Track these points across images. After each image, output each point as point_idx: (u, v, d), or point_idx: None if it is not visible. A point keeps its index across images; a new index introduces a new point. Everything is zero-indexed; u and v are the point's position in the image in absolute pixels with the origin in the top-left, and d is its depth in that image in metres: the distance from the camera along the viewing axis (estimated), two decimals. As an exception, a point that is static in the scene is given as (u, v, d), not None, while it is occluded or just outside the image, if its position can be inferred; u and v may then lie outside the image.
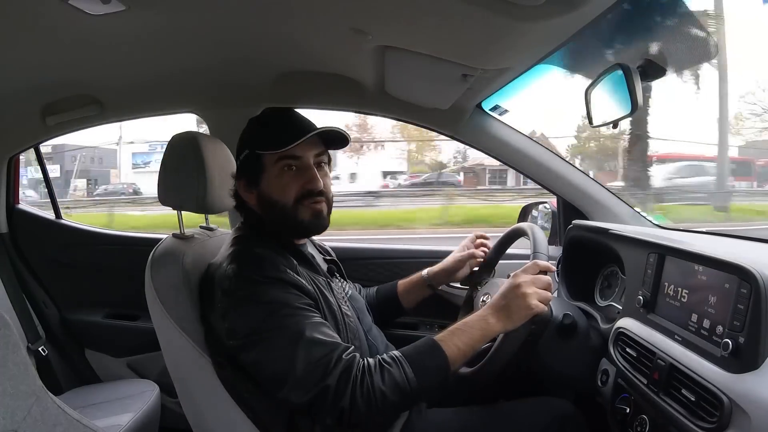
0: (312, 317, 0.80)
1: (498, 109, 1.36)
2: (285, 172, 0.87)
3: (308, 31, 0.97)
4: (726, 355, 0.66)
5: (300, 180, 0.88)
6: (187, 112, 1.46)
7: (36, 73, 1.16)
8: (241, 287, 0.80)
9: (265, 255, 0.84)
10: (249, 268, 0.82)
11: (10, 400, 0.68)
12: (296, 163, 0.87)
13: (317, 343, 0.76)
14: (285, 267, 0.83)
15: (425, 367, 0.79)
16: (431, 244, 1.62)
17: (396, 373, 0.77)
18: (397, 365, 0.78)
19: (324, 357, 0.75)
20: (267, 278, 0.80)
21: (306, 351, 0.75)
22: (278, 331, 0.77)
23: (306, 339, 0.76)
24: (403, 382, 0.76)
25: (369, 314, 1.06)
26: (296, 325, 0.77)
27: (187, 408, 0.95)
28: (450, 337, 0.81)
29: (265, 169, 0.88)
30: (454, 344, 0.80)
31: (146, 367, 1.61)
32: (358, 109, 1.48)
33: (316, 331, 0.78)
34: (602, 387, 0.95)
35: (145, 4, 0.81)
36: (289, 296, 0.80)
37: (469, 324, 0.83)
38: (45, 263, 1.68)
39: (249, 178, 0.90)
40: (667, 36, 0.96)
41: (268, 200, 0.88)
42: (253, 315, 0.79)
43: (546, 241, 0.96)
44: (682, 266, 0.83)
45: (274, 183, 0.87)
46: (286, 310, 0.78)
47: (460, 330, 0.82)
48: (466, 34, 0.80)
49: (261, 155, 0.87)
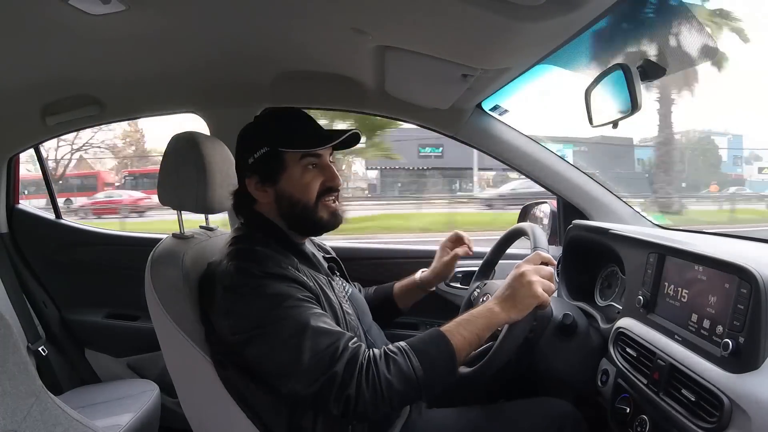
0: (314, 308, 0.80)
1: (498, 109, 1.36)
2: (308, 171, 0.88)
3: (308, 31, 0.97)
4: (726, 355, 0.66)
5: (320, 178, 0.89)
6: (187, 112, 1.46)
7: (36, 72, 1.16)
8: (243, 283, 0.81)
9: (266, 252, 0.84)
10: (250, 264, 0.82)
11: (10, 400, 0.68)
12: (317, 161, 0.89)
13: (323, 332, 0.76)
14: (286, 264, 0.83)
15: (431, 357, 0.78)
16: (431, 245, 1.61)
17: (402, 363, 0.76)
18: (403, 355, 0.77)
19: (331, 345, 0.75)
20: (268, 273, 0.80)
21: (312, 341, 0.75)
22: (283, 322, 0.77)
23: (312, 328, 0.76)
24: (409, 371, 0.76)
25: (369, 313, 1.06)
26: (300, 315, 0.77)
27: (187, 408, 0.95)
28: (456, 327, 0.81)
29: (286, 168, 0.88)
30: (459, 334, 0.80)
31: (146, 367, 1.62)
32: (358, 109, 1.48)
33: (321, 321, 0.78)
34: (602, 387, 0.95)
35: (145, 4, 0.81)
36: (291, 289, 0.80)
37: (475, 314, 0.83)
38: (45, 263, 1.68)
39: (265, 175, 0.89)
40: (667, 35, 0.96)
41: (288, 198, 0.89)
42: (256, 309, 0.79)
43: (546, 240, 0.96)
44: (682, 266, 0.83)
45: (297, 181, 0.88)
46: (289, 302, 0.78)
47: (466, 320, 0.82)
48: (466, 34, 0.80)
49: (283, 153, 0.87)
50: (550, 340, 0.98)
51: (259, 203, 0.91)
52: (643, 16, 0.85)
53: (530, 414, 0.95)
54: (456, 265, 1.17)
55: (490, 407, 0.98)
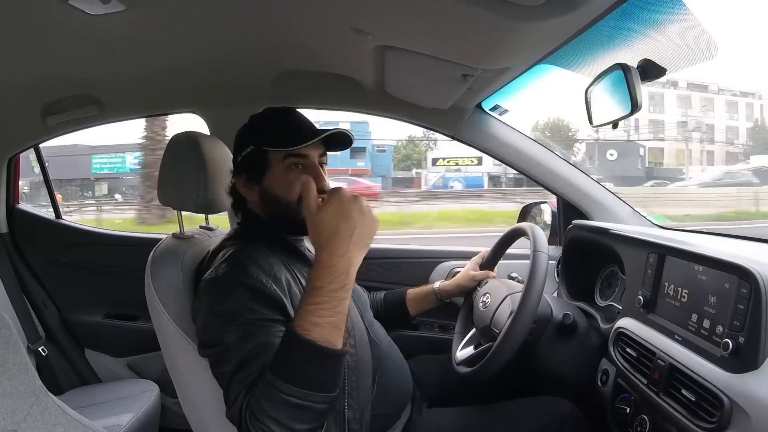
0: (257, 337, 0.73)
1: (498, 109, 1.36)
2: (291, 170, 0.87)
3: (308, 31, 0.96)
4: (726, 355, 0.66)
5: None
6: (187, 112, 1.46)
7: (36, 72, 1.16)
8: (205, 294, 0.80)
9: (243, 260, 0.81)
10: (219, 275, 0.80)
11: (10, 400, 0.68)
12: (302, 161, 0.88)
13: (246, 368, 0.72)
14: (261, 272, 0.79)
15: (290, 366, 0.67)
16: (431, 244, 1.62)
17: (269, 394, 0.66)
18: (265, 382, 0.67)
19: (246, 387, 0.70)
20: (231, 287, 0.78)
21: (233, 376, 0.72)
22: (221, 348, 0.75)
23: (236, 364, 0.72)
24: (280, 396, 0.65)
25: (370, 309, 1.06)
26: (237, 343, 0.73)
27: (187, 408, 0.95)
28: (304, 317, 0.68)
29: (270, 166, 0.88)
30: (310, 323, 0.67)
31: (146, 367, 1.62)
32: (358, 109, 1.49)
33: (253, 354, 0.72)
34: (602, 387, 0.95)
35: (145, 4, 0.80)
36: (243, 311, 0.75)
37: (315, 286, 0.68)
38: (45, 263, 1.68)
39: (251, 174, 0.89)
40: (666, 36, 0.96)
41: (271, 197, 0.88)
42: (207, 327, 0.79)
43: (546, 240, 0.96)
44: (682, 266, 0.83)
45: (280, 180, 0.87)
46: (233, 327, 0.75)
47: (313, 304, 0.68)
48: (466, 34, 0.80)
49: (267, 152, 0.87)
50: (550, 340, 0.98)
51: (249, 201, 0.92)
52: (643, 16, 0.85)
53: (530, 413, 0.96)
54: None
55: (491, 407, 0.98)
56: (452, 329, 1.19)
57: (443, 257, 1.46)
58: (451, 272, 1.39)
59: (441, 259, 1.45)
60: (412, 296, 1.20)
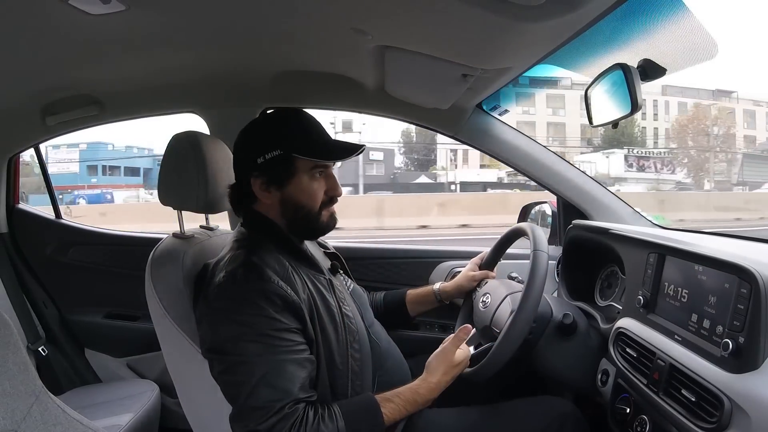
0: (278, 349, 0.78)
1: (498, 109, 1.36)
2: (315, 179, 0.89)
3: (308, 31, 0.97)
4: (726, 355, 0.66)
5: (324, 186, 0.91)
6: (187, 112, 1.46)
7: (36, 72, 1.16)
8: (219, 299, 0.80)
9: (258, 264, 0.82)
10: (236, 280, 0.81)
11: (10, 400, 0.68)
12: (325, 170, 0.90)
13: (268, 385, 0.75)
14: (277, 277, 0.81)
15: (359, 424, 0.81)
16: (430, 244, 1.62)
17: (329, 429, 0.77)
18: (333, 421, 0.78)
19: (267, 403, 0.75)
20: (249, 293, 0.79)
21: (256, 388, 0.75)
22: (237, 359, 0.77)
23: (258, 378, 0.75)
24: None
25: (371, 309, 1.06)
26: (257, 357, 0.76)
27: (187, 408, 0.95)
28: (392, 397, 0.86)
29: (296, 173, 0.88)
30: (393, 403, 0.85)
31: (146, 367, 1.62)
32: (358, 109, 1.49)
33: (275, 370, 0.77)
34: (602, 387, 0.95)
35: (145, 4, 0.80)
36: (262, 320, 0.78)
37: (414, 388, 0.88)
38: (45, 263, 1.68)
39: (273, 178, 0.88)
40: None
41: (293, 203, 0.89)
42: (221, 333, 0.79)
43: (546, 240, 0.96)
44: (682, 266, 0.83)
45: (305, 188, 0.88)
46: (251, 337, 0.77)
47: (407, 392, 0.87)
48: (466, 34, 0.80)
49: (296, 159, 0.87)
50: (550, 340, 0.98)
51: (260, 203, 0.91)
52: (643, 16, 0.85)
53: (531, 413, 0.96)
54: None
55: (491, 407, 0.98)
56: (452, 329, 1.19)
57: (443, 257, 1.46)
58: (450, 272, 1.39)
59: (441, 260, 1.45)
60: (412, 297, 1.20)
